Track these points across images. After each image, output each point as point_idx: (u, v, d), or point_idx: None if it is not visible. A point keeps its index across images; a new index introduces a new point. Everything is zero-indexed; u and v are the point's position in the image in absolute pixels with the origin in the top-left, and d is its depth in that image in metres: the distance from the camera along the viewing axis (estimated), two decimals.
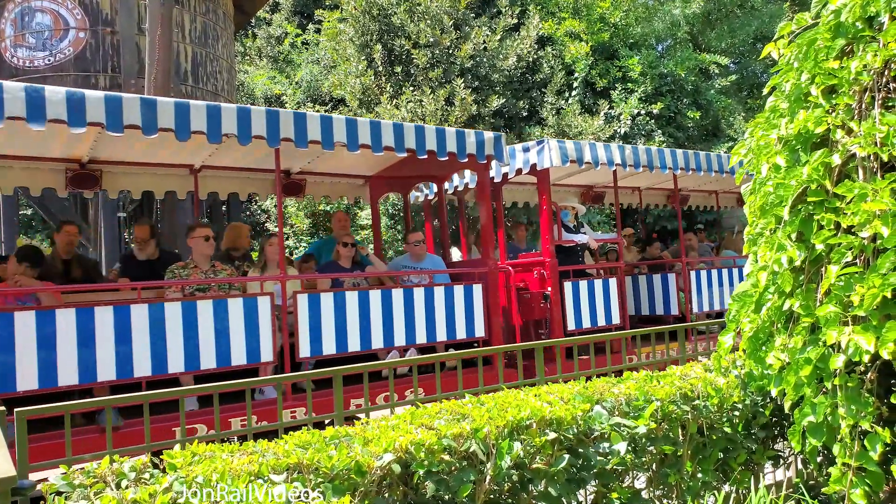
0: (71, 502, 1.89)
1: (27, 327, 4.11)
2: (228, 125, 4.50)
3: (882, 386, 2.63)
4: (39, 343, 4.12)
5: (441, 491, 2.23)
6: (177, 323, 4.57)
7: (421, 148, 5.31)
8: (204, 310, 4.68)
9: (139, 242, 6.06)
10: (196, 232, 5.41)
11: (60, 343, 4.18)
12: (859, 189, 2.45)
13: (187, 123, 4.38)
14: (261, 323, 4.87)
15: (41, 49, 9.21)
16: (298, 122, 4.77)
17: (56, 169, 5.93)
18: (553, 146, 6.25)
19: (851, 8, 2.65)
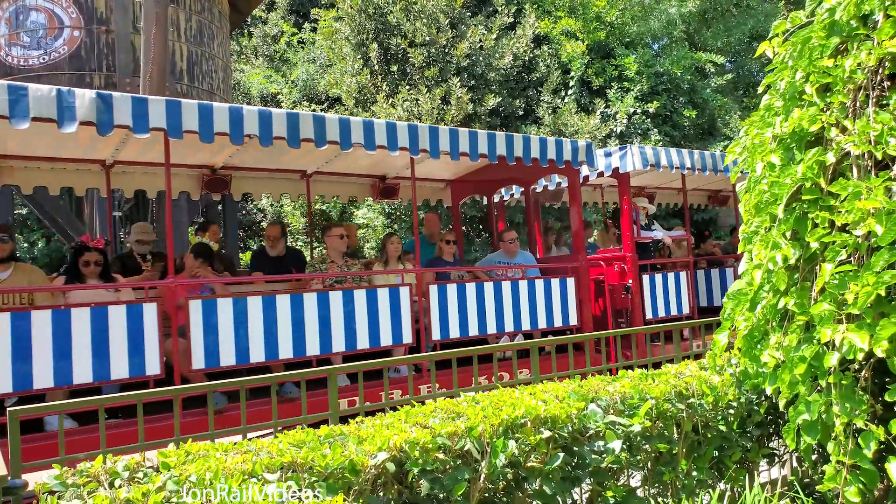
0: (64, 501, 1.88)
1: (225, 312, 4.83)
2: (332, 134, 4.89)
3: (876, 384, 2.63)
4: (236, 324, 4.86)
5: (435, 489, 2.23)
6: (339, 309, 5.31)
7: (527, 156, 5.94)
8: (359, 298, 5.44)
9: (271, 240, 6.60)
10: (332, 231, 6.21)
11: (252, 326, 4.93)
12: (853, 187, 2.45)
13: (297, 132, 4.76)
14: (402, 310, 5.60)
15: (36, 48, 9.18)
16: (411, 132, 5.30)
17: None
18: (635, 151, 6.91)
19: (846, 6, 2.65)
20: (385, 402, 3.20)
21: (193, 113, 4.34)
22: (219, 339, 4.77)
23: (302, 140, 4.74)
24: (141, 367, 4.48)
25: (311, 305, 5.16)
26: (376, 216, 12.87)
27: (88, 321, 4.34)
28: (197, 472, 1.94)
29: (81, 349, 4.31)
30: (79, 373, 4.28)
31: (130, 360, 4.45)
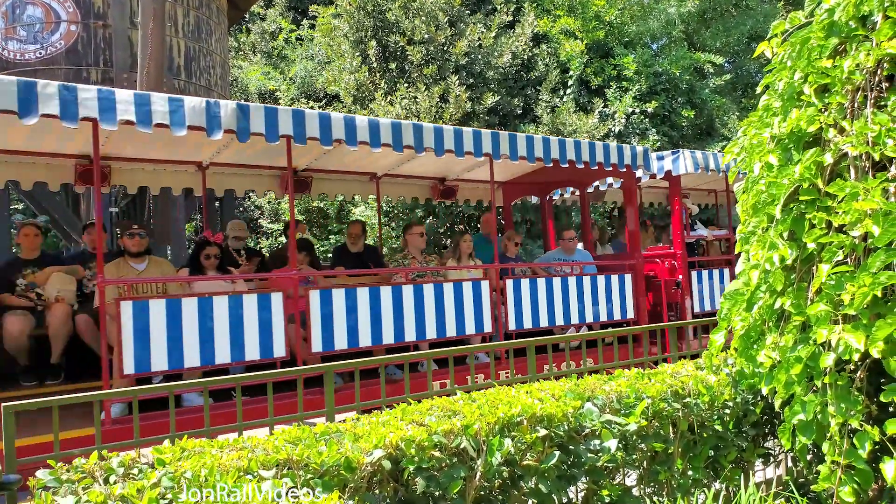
0: (58, 497, 1.87)
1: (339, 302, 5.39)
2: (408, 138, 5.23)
3: (871, 384, 2.64)
4: (348, 312, 5.43)
5: (431, 487, 2.23)
6: (431, 300, 5.88)
7: (592, 160, 6.36)
8: (448, 290, 5.99)
9: (353, 238, 7.13)
10: (413, 229, 6.79)
11: (361, 313, 5.48)
12: (851, 188, 2.45)
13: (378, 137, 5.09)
14: (483, 302, 6.15)
15: (32, 42, 9.15)
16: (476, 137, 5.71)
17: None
18: (687, 156, 7.30)
19: (845, 7, 2.65)
20: (471, 384, 3.55)
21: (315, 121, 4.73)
22: (334, 326, 5.32)
23: (382, 145, 5.11)
24: (269, 349, 5.00)
25: (409, 296, 5.78)
26: (374, 214, 12.87)
27: (227, 308, 4.88)
28: (192, 469, 1.94)
29: (222, 333, 4.84)
30: (219, 354, 4.82)
31: (261, 343, 4.98)
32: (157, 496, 1.81)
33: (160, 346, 4.58)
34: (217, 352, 4.78)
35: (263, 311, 4.98)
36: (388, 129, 5.11)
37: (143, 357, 4.50)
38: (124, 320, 4.44)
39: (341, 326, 5.35)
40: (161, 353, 4.57)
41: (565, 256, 7.76)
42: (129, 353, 4.45)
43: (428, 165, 7.42)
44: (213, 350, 4.77)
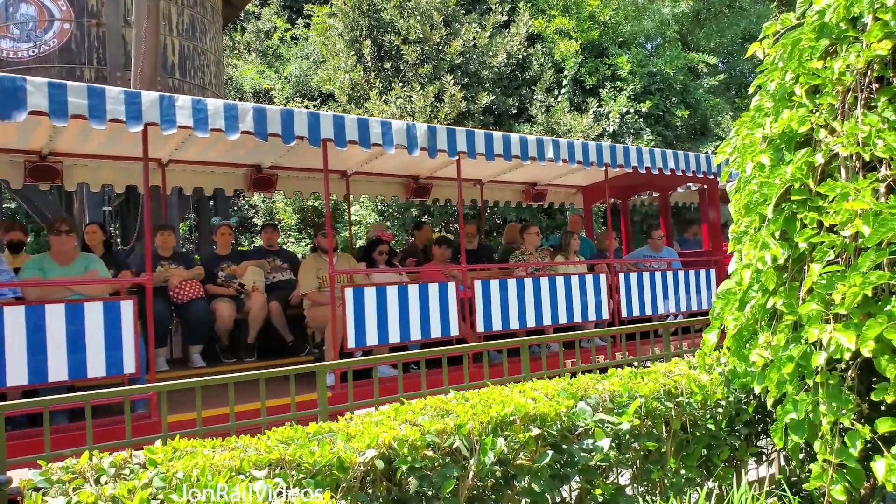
0: (49, 498, 1.87)
1: (495, 291, 6.25)
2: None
3: (863, 383, 2.65)
4: (501, 301, 6.29)
5: (424, 487, 2.23)
6: (559, 290, 6.71)
7: (688, 169, 7.08)
8: (561, 283, 6.75)
9: (469, 236, 8.07)
10: (530, 230, 7.54)
11: (494, 303, 6.26)
12: (841, 188, 2.46)
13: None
14: (602, 292, 6.99)
15: (25, 40, 9.11)
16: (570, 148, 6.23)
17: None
18: None
19: (835, 8, 2.66)
20: (594, 363, 4.15)
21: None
22: (492, 309, 6.18)
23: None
24: (448, 328, 5.90)
25: (530, 288, 6.54)
26: (368, 213, 12.86)
27: (417, 295, 5.76)
28: (184, 469, 1.93)
29: (414, 315, 5.73)
30: (413, 332, 5.72)
31: (441, 323, 5.86)
32: (149, 496, 1.81)
33: (372, 325, 5.51)
34: (412, 330, 5.72)
35: (443, 298, 5.87)
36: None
37: (360, 333, 5.42)
38: (349, 304, 5.35)
39: (497, 311, 6.25)
40: (373, 330, 5.51)
41: (653, 253, 8.47)
42: (353, 330, 5.37)
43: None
44: (408, 329, 5.70)
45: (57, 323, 4.19)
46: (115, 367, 4.33)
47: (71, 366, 4.18)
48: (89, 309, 4.31)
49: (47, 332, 4.14)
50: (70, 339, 4.22)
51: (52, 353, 4.14)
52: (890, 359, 2.31)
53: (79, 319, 4.26)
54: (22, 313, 4.09)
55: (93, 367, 4.26)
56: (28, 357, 4.07)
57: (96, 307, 4.33)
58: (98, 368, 4.28)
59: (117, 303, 4.42)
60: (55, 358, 4.15)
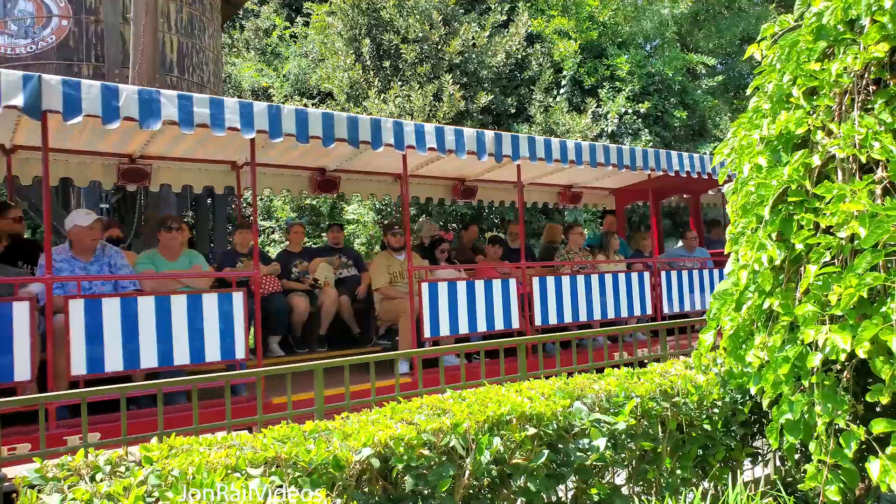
0: (44, 496, 1.87)
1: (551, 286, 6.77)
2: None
3: (858, 384, 2.66)
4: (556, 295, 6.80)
5: (420, 486, 2.24)
6: (596, 288, 7.11)
7: (715, 173, 7.30)
8: (609, 280, 7.22)
9: (511, 235, 8.36)
10: (575, 230, 8.02)
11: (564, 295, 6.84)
12: (838, 190, 2.47)
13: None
14: (645, 289, 7.42)
15: (23, 37, 9.09)
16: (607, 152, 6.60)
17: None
18: None
19: (833, 11, 2.66)
20: (635, 357, 4.36)
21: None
22: (548, 304, 6.68)
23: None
24: (509, 321, 6.36)
25: (581, 285, 7.00)
26: (366, 212, 12.86)
27: (483, 289, 6.24)
28: (180, 467, 1.93)
29: (481, 307, 6.21)
30: (480, 323, 6.18)
31: (504, 316, 6.32)
32: (144, 494, 1.81)
33: (444, 317, 5.96)
34: (478, 322, 6.14)
35: (505, 294, 6.34)
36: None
37: (434, 324, 5.86)
38: (425, 297, 5.82)
39: (553, 306, 6.74)
40: (445, 321, 5.96)
41: (687, 252, 8.88)
42: (428, 321, 5.79)
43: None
44: (475, 321, 6.13)
45: (180, 312, 4.67)
46: (228, 352, 4.81)
47: (192, 351, 4.69)
48: (207, 300, 4.80)
49: (173, 321, 4.62)
50: (191, 327, 4.71)
51: (178, 339, 4.64)
52: (885, 360, 2.32)
53: (198, 309, 4.74)
54: (152, 303, 4.58)
55: (210, 353, 4.75)
56: (157, 343, 4.57)
57: (212, 298, 4.83)
58: (214, 354, 4.77)
59: (230, 294, 4.91)
60: (180, 344, 4.65)
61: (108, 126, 4.03)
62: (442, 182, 8.47)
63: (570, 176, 8.69)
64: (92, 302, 4.36)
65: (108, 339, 4.37)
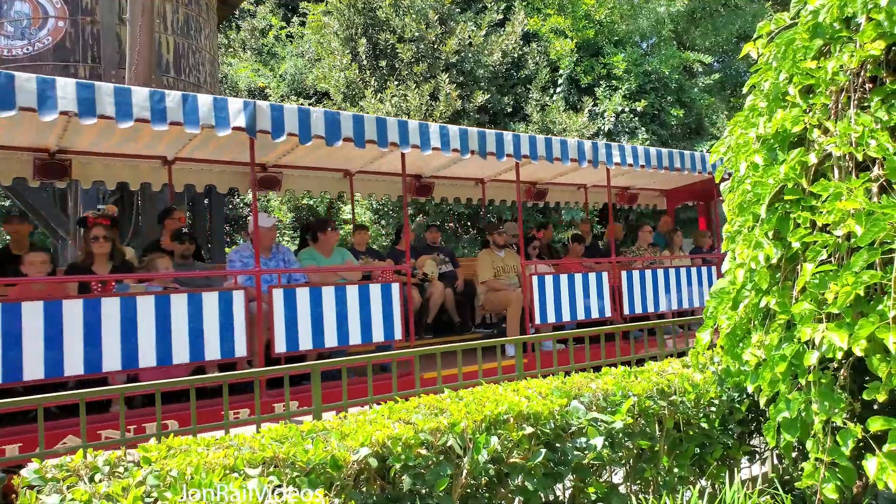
0: (43, 496, 1.87)
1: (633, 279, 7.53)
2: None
3: (855, 382, 2.66)
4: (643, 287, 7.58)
5: (418, 485, 2.24)
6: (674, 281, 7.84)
7: None
8: (683, 274, 7.97)
9: (586, 234, 9.06)
10: (645, 228, 8.68)
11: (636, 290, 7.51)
12: (834, 188, 2.47)
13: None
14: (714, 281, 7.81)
15: (20, 38, 9.07)
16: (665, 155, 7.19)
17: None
18: None
19: (829, 9, 2.67)
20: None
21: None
22: (634, 295, 7.40)
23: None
24: (603, 310, 7.15)
25: (662, 278, 7.71)
26: (363, 212, 12.85)
27: (581, 282, 7.03)
28: (178, 467, 1.93)
29: (579, 298, 7.01)
30: (579, 313, 7.00)
31: (598, 304, 7.13)
32: (143, 494, 1.81)
33: (550, 306, 6.75)
34: (578, 311, 6.96)
35: (599, 285, 7.11)
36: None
37: (543, 312, 6.65)
38: (535, 289, 6.64)
39: (638, 297, 7.45)
40: (551, 309, 6.74)
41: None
42: (539, 310, 6.61)
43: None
44: (575, 310, 6.96)
45: (353, 300, 5.47)
46: (389, 334, 5.62)
47: (363, 333, 5.48)
48: (373, 290, 5.58)
49: (348, 308, 5.43)
50: (362, 311, 5.50)
51: (352, 323, 5.44)
52: (882, 358, 2.32)
53: (366, 297, 5.53)
54: (332, 293, 5.37)
55: (376, 335, 5.56)
56: (336, 326, 5.36)
57: (377, 288, 5.63)
58: (378, 335, 5.58)
59: (390, 285, 5.70)
60: (353, 327, 5.45)
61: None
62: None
63: (630, 178, 9.21)
64: (289, 292, 5.18)
65: (301, 323, 5.18)
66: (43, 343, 4.20)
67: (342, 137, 4.88)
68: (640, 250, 8.66)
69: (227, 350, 4.82)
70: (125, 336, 4.46)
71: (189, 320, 4.71)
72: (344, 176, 7.76)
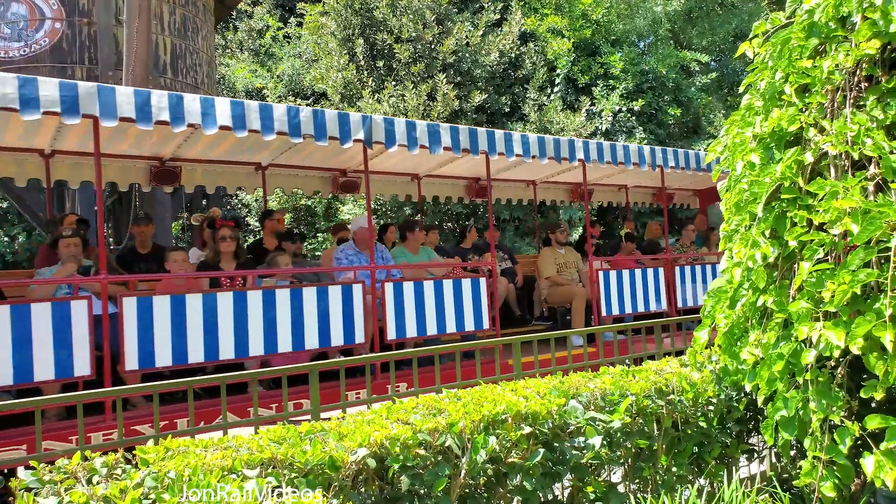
0: (40, 498, 1.87)
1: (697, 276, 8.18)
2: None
3: (852, 380, 2.67)
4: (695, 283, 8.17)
5: (416, 485, 2.24)
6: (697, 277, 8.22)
7: None
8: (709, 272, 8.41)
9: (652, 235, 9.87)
10: (689, 227, 9.10)
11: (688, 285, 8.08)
12: (831, 187, 2.48)
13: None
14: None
15: (17, 40, 9.06)
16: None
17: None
18: None
19: (825, 8, 2.67)
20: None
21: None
22: (686, 290, 7.89)
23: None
24: (660, 303, 7.65)
25: (710, 274, 8.23)
26: (361, 212, 12.84)
27: (641, 277, 7.54)
28: (176, 469, 1.93)
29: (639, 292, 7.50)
30: (639, 306, 7.47)
31: (655, 299, 7.61)
32: (140, 496, 1.81)
33: (614, 298, 7.27)
34: (638, 304, 7.45)
35: (656, 280, 7.64)
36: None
37: (608, 305, 7.18)
38: (601, 283, 7.13)
39: (690, 291, 7.95)
40: (615, 302, 7.27)
41: None
42: (604, 302, 7.12)
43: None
44: (636, 303, 7.47)
45: (449, 293, 6.11)
46: (479, 324, 6.22)
47: (456, 322, 6.10)
48: (465, 284, 6.19)
49: (444, 300, 6.05)
50: (455, 304, 6.11)
51: (448, 314, 6.07)
52: (879, 356, 2.33)
53: (459, 291, 6.15)
54: (432, 287, 5.99)
55: (468, 324, 6.17)
56: (436, 316, 5.99)
57: (468, 283, 6.24)
58: (470, 325, 6.18)
59: (478, 279, 6.30)
60: (449, 316, 6.07)
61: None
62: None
63: (666, 180, 9.53)
64: (397, 285, 5.81)
65: (407, 313, 5.81)
66: (202, 331, 4.83)
67: (442, 146, 5.48)
68: (684, 247, 9.23)
69: (349, 337, 5.45)
70: (267, 325, 5.08)
71: (317, 311, 5.33)
72: (412, 179, 8.40)
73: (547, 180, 9.26)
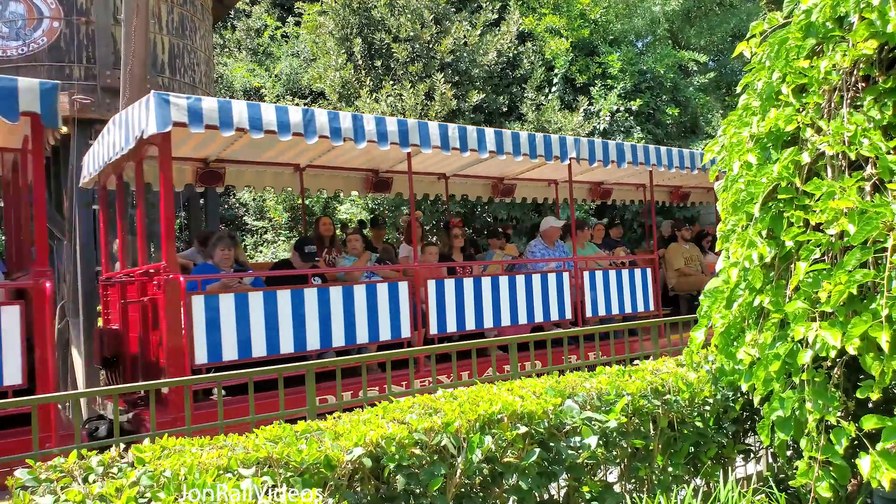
0: (36, 497, 1.86)
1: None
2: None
3: (848, 381, 2.67)
4: None
5: (412, 485, 2.24)
6: None
7: None
8: None
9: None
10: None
11: None
12: (827, 187, 2.48)
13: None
14: None
15: (14, 39, 9.03)
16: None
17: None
18: None
19: (822, 8, 2.68)
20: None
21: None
22: None
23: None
24: None
25: None
26: (359, 211, 12.84)
27: None
28: (172, 468, 1.93)
29: None
30: None
31: None
32: (136, 495, 1.81)
33: None
34: None
35: None
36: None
37: None
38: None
39: None
40: None
41: None
42: None
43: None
44: None
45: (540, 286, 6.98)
46: (562, 313, 7.12)
47: (543, 311, 6.93)
48: (551, 278, 7.04)
49: (534, 291, 6.89)
50: (542, 295, 6.95)
51: (537, 302, 6.91)
52: (875, 356, 2.33)
53: (545, 284, 7.00)
54: (523, 280, 6.88)
55: (553, 314, 7.03)
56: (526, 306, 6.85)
57: (553, 277, 7.09)
58: (554, 314, 7.04)
59: (562, 274, 7.18)
60: (537, 305, 6.91)
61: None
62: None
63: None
64: (591, 273, 7.39)
65: (599, 295, 7.40)
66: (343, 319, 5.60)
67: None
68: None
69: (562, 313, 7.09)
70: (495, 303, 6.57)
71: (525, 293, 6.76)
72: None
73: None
